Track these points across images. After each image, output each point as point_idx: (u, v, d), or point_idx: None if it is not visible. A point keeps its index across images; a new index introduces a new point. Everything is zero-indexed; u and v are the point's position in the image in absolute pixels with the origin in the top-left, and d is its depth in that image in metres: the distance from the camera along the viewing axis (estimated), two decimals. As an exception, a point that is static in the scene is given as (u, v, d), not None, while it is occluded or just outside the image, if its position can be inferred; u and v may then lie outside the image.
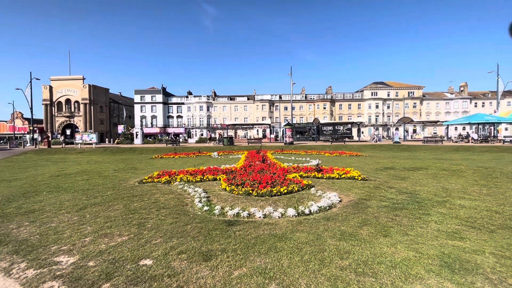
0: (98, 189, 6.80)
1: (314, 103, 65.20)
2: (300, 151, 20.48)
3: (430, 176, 8.37)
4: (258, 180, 6.64)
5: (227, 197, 5.59)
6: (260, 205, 4.95)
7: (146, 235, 3.57)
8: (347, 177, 7.73)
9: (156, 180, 7.62)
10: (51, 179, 8.60)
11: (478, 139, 27.95)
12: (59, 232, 3.76)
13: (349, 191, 6.06)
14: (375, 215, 4.29)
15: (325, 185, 6.73)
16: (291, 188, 6.00)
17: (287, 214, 4.42)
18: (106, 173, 9.81)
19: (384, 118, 64.19)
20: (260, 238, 3.38)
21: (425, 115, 63.03)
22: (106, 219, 4.30)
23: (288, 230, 3.65)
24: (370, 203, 5.01)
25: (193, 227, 3.84)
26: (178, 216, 4.37)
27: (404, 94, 64.47)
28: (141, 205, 5.14)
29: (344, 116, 63.72)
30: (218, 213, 4.51)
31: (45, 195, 6.19)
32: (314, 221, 4.02)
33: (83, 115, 57.82)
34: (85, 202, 5.46)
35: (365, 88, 66.17)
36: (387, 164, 12.19)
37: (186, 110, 66.68)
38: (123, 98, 72.32)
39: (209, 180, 7.67)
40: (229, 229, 3.75)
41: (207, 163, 12.90)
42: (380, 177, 8.26)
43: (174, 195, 5.90)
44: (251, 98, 66.74)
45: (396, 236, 3.38)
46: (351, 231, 3.59)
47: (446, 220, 3.99)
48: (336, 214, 4.40)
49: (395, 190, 6.20)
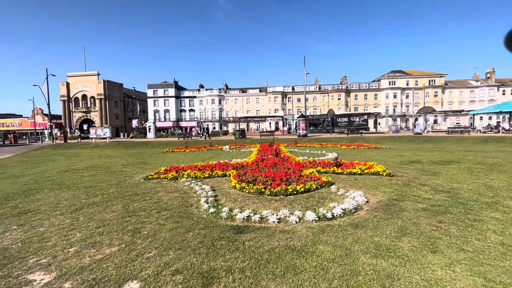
0: (101, 186, 6.41)
1: (328, 94, 63.22)
2: (314, 143, 19.59)
3: (465, 171, 7.42)
4: (272, 177, 5.99)
5: (236, 196, 4.99)
6: (274, 207, 4.32)
7: (140, 245, 3.03)
8: (371, 172, 6.93)
9: (163, 176, 7.14)
10: (57, 175, 8.35)
11: (510, 129, 25.81)
12: (45, 239, 3.30)
13: (376, 190, 5.30)
14: (413, 221, 3.54)
15: (346, 182, 5.99)
16: (309, 186, 5.31)
17: (305, 218, 3.76)
18: (114, 168, 9.49)
19: (402, 108, 61.37)
20: (275, 252, 2.75)
21: (447, 105, 59.64)
22: (100, 222, 3.81)
23: (309, 241, 3.00)
24: (404, 205, 4.25)
25: (195, 235, 3.27)
26: (180, 220, 3.81)
27: (424, 83, 61.16)
28: (142, 205, 4.63)
29: (360, 107, 61.45)
30: (225, 217, 3.91)
31: (45, 193, 5.85)
32: (339, 229, 3.33)
33: (98, 110, 59.00)
34: (83, 201, 5.03)
35: (382, 77, 63.30)
36: (412, 157, 11.19)
37: (198, 104, 66.58)
38: (137, 93, 73.20)
39: (218, 176, 7.10)
40: (238, 238, 3.14)
41: (218, 157, 12.38)
42: (408, 172, 7.40)
43: (179, 194, 5.37)
44: (263, 90, 65.61)
45: (449, 253, 2.64)
46: (388, 243, 2.88)
47: (507, 229, 3.19)
48: (364, 219, 3.69)
49: (430, 188, 5.38)
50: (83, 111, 59.70)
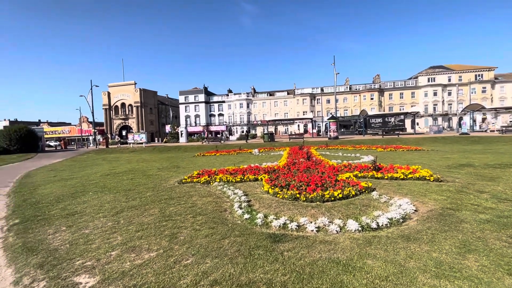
0: (139, 189, 6.67)
1: (359, 94, 60.58)
2: (347, 146, 18.73)
3: (530, 176, 6.45)
4: (306, 182, 5.73)
5: (270, 202, 4.83)
6: (311, 214, 4.08)
7: (177, 251, 3.00)
8: (416, 177, 6.33)
9: (196, 180, 7.24)
10: (100, 178, 8.92)
11: None
12: (89, 242, 3.43)
13: (424, 197, 4.79)
14: (477, 235, 3.07)
15: (389, 188, 5.51)
16: (347, 192, 4.96)
17: (347, 228, 3.47)
18: (150, 172, 9.91)
19: (444, 107, 56.55)
20: (317, 266, 2.53)
21: (498, 101, 53.64)
22: (139, 226, 3.89)
23: (355, 254, 2.72)
24: (462, 215, 3.74)
25: (232, 242, 3.17)
26: (215, 226, 3.75)
27: (469, 78, 55.77)
28: (177, 209, 4.68)
29: (395, 107, 57.88)
30: (260, 223, 3.77)
31: (90, 196, 6.23)
32: (388, 241, 3.00)
33: (135, 117, 63.04)
34: (123, 204, 5.24)
35: (420, 73, 59.04)
36: (460, 160, 10.11)
37: (227, 108, 67.95)
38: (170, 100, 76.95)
39: (250, 180, 7.01)
40: (275, 248, 2.97)
41: (247, 161, 12.36)
42: (459, 176, 6.65)
43: (212, 198, 5.36)
44: (291, 92, 64.94)
45: (533, 277, 2.20)
46: (451, 261, 2.50)
47: None
48: (416, 230, 3.29)
49: (490, 196, 4.72)
50: (122, 118, 64.22)
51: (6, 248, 3.48)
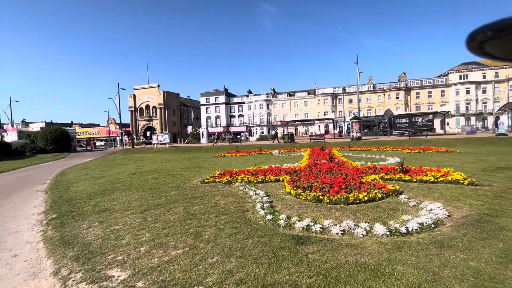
0: (164, 188, 6.90)
1: (384, 93, 58.30)
2: (371, 147, 18.10)
3: None
4: (329, 183, 5.61)
5: (293, 203, 4.79)
6: (335, 217, 3.98)
7: (202, 249, 3.07)
8: (447, 180, 5.97)
9: (218, 180, 7.36)
10: (128, 177, 9.35)
11: None
12: (120, 237, 3.61)
13: (458, 201, 4.50)
14: (521, 244, 2.83)
15: (418, 191, 5.25)
16: (373, 195, 4.79)
17: (374, 232, 3.35)
18: (173, 172, 10.22)
19: (478, 106, 52.82)
20: (344, 270, 2.46)
21: (541, 99, 49.12)
22: (165, 224, 4.03)
23: (383, 259, 2.62)
24: (502, 222, 3.47)
25: (255, 243, 3.18)
26: (238, 226, 3.79)
27: (507, 74, 51.60)
28: (201, 208, 4.79)
29: (423, 106, 55.01)
30: (283, 224, 3.75)
31: (119, 193, 6.55)
32: (419, 247, 2.86)
33: (159, 118, 65.41)
34: (150, 202, 5.46)
35: (451, 70, 55.64)
36: (498, 162, 9.39)
37: (247, 109, 68.42)
38: (191, 101, 79.02)
39: (271, 181, 7.00)
40: (300, 250, 2.94)
41: (268, 161, 12.35)
42: (496, 180, 6.18)
43: (234, 198, 5.42)
44: (312, 92, 63.99)
45: None
46: (491, 271, 2.33)
47: None
48: (450, 237, 3.10)
49: (534, 202, 4.33)
50: (146, 120, 66.93)
51: (46, 241, 3.76)
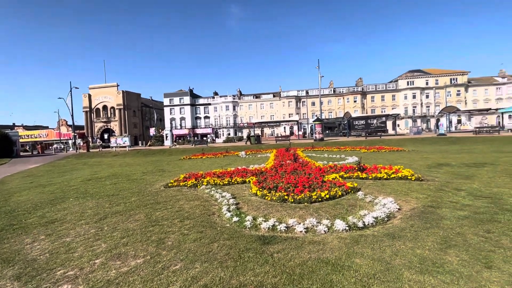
0: (123, 194, 6.47)
1: (343, 96, 62.13)
2: (332, 147, 19.12)
3: (502, 174, 6.87)
4: (293, 183, 5.79)
5: (259, 204, 4.83)
6: (299, 215, 4.12)
7: (165, 256, 2.93)
8: (398, 177, 6.56)
9: (182, 183, 7.12)
10: (81, 184, 8.57)
11: (544, 127, 23.96)
12: (71, 250, 3.28)
13: (407, 196, 4.97)
14: (457, 231, 3.22)
15: (373, 188, 5.67)
16: (334, 193, 5.06)
17: (335, 227, 3.53)
18: (134, 176, 9.64)
19: (422, 109, 59.08)
20: (307, 266, 2.56)
21: (472, 103, 56.72)
22: (124, 232, 3.77)
23: (343, 254, 2.78)
24: (442, 213, 3.91)
25: (221, 246, 3.14)
26: (203, 230, 3.70)
27: (445, 82, 58.65)
28: (164, 214, 4.58)
29: (377, 109, 59.80)
30: (249, 226, 3.76)
31: (71, 202, 5.97)
32: (374, 240, 3.09)
33: (118, 120, 61.22)
34: (107, 210, 5.06)
35: (400, 77, 61.44)
36: (439, 159, 10.58)
37: (213, 111, 67.54)
38: (154, 102, 75.41)
39: (238, 183, 6.98)
40: (265, 250, 2.97)
41: (235, 163, 12.32)
42: (438, 175, 6.95)
43: (199, 202, 5.30)
44: (277, 95, 65.56)
45: (509, 269, 2.34)
46: (433, 257, 2.61)
47: None
48: (400, 228, 3.41)
49: (467, 194, 4.97)
50: (103, 121, 62.17)
51: (-21, 260, 3.26)
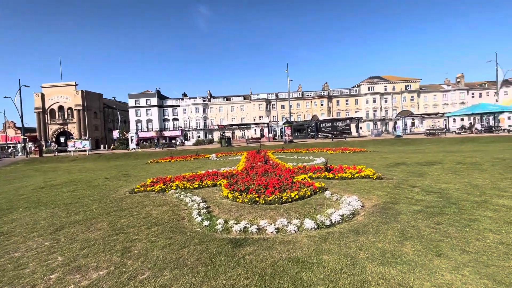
0: (83, 202, 5.99)
1: (311, 100, 64.55)
2: (301, 149, 19.73)
3: (449, 171, 7.66)
4: (264, 185, 5.86)
5: (230, 207, 4.81)
6: (270, 216, 4.18)
7: (131, 266, 2.78)
8: (361, 176, 6.98)
9: (149, 188, 6.81)
10: (33, 192, 7.76)
11: (482, 130, 27.39)
12: (21, 266, 2.96)
13: (369, 193, 5.31)
14: (412, 224, 3.53)
15: (339, 187, 5.97)
16: (303, 193, 5.23)
17: (304, 226, 3.65)
18: (96, 183, 8.98)
19: (382, 113, 63.73)
20: (278, 266, 2.61)
21: (423, 108, 62.66)
22: (84, 243, 3.50)
23: (312, 251, 2.88)
24: (399, 208, 4.25)
25: (191, 251, 3.06)
26: (172, 236, 3.58)
27: (401, 88, 64.04)
28: (130, 221, 4.34)
29: (342, 112, 63.17)
30: (221, 229, 3.73)
31: (20, 213, 5.37)
32: (341, 236, 3.25)
33: (76, 121, 56.61)
34: (63, 220, 4.65)
35: (362, 83, 65.66)
36: (397, 159, 11.48)
37: (182, 113, 65.72)
38: (117, 103, 71.15)
39: (209, 186, 6.87)
40: (237, 252, 2.97)
41: (205, 166, 12.10)
42: (396, 174, 7.53)
43: (168, 207, 5.11)
44: (248, 97, 65.95)
45: (454, 255, 2.62)
46: (393, 249, 2.83)
47: (502, 228, 3.25)
48: (364, 224, 3.64)
49: (420, 190, 5.46)
50: (59, 123, 57.00)
51: None
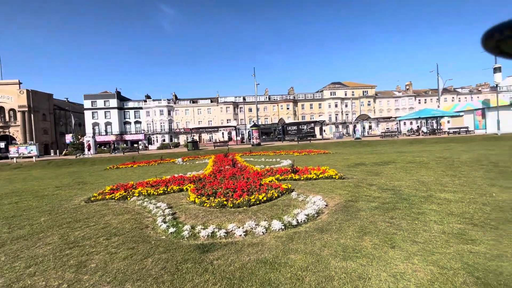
0: (28, 214, 5.35)
1: (277, 103, 66.13)
2: (268, 152, 20.06)
3: (401, 170, 8.41)
4: (232, 188, 5.84)
5: (197, 212, 4.70)
6: (239, 219, 4.18)
7: (87, 281, 2.56)
8: (325, 176, 7.33)
9: (109, 196, 6.34)
10: (-36, 206, 6.71)
11: (427, 132, 30.66)
12: None
13: (332, 193, 5.60)
14: (370, 219, 3.80)
15: (305, 188, 6.20)
16: (271, 195, 5.32)
17: (272, 228, 3.72)
18: (44, 192, 8.09)
19: (343, 116, 67.76)
20: (247, 269, 2.61)
21: (379, 112, 68.05)
22: (30, 260, 3.12)
23: (280, 252, 2.94)
24: (359, 205, 4.55)
25: (156, 261, 2.92)
26: (135, 246, 3.37)
27: (359, 93, 68.86)
28: (85, 233, 3.99)
29: (307, 116, 65.76)
30: (188, 235, 3.62)
31: None
32: (306, 235, 3.37)
33: (21, 124, 50.55)
34: (4, 236, 4.10)
35: (325, 88, 69.19)
36: (356, 160, 12.28)
37: (145, 115, 62.59)
38: (71, 104, 65.17)
39: (174, 191, 6.63)
40: (204, 258, 2.91)
41: (170, 171, 11.65)
42: (356, 174, 8.05)
43: (130, 215, 4.81)
44: (215, 100, 65.25)
45: (406, 246, 2.89)
46: (353, 244, 3.01)
47: (444, 219, 3.66)
48: (328, 222, 3.82)
49: (377, 188, 5.92)
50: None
51: None
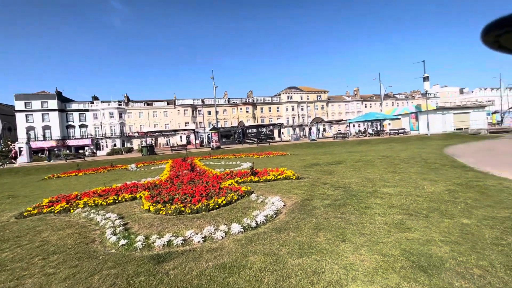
0: None
1: (237, 106, 66.33)
2: (228, 155, 19.96)
3: (350, 168, 9.13)
4: (191, 193, 5.66)
5: (152, 221, 4.43)
6: (197, 225, 4.06)
7: (17, 310, 2.21)
8: (283, 177, 7.57)
9: (47, 210, 5.60)
10: None
11: (373, 133, 33.92)
12: None
13: (290, 193, 5.81)
14: (324, 216, 4.04)
15: (264, 189, 6.31)
16: (230, 198, 5.29)
17: (231, 231, 3.70)
18: (-40, 210, 6.77)
19: (300, 119, 70.97)
20: (205, 275, 2.55)
21: (331, 115, 73.00)
22: None
23: (239, 255, 2.94)
24: (314, 203, 4.80)
25: (104, 277, 2.67)
26: (78, 263, 3.03)
27: (313, 98, 72.96)
28: (16, 254, 3.45)
29: (266, 119, 67.26)
30: (141, 247, 3.39)
31: None
32: (265, 236, 3.43)
33: None
34: None
35: (282, 92, 71.70)
36: (312, 160, 12.95)
37: (92, 118, 57.04)
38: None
39: (127, 200, 6.16)
40: (159, 269, 2.75)
41: (122, 178, 10.80)
42: (311, 173, 8.49)
43: (74, 229, 4.32)
44: (171, 103, 62.64)
45: (354, 239, 3.13)
46: (309, 241, 3.16)
47: (386, 211, 4.08)
48: (285, 222, 3.95)
49: (330, 186, 6.32)
50: None
51: None
